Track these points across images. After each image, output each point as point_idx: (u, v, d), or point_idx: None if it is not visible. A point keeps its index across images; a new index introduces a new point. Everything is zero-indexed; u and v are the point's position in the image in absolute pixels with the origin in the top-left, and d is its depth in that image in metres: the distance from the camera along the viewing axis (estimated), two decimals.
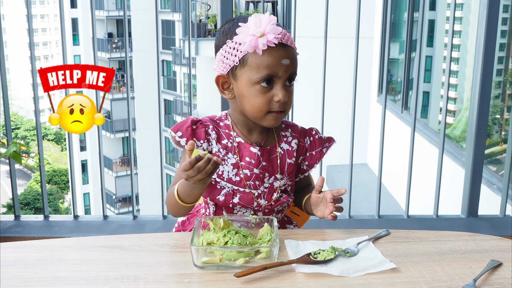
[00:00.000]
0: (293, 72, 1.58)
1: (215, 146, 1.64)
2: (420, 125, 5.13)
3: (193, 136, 1.62)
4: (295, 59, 1.58)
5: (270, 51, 1.53)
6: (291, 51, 1.56)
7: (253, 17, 1.53)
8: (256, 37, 1.51)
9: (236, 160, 1.64)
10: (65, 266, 1.33)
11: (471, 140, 2.93)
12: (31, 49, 2.78)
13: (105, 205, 2.98)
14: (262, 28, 1.51)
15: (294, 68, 1.58)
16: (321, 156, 1.75)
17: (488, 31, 2.79)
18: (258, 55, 1.52)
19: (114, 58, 23.37)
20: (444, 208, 3.13)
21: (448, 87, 2.95)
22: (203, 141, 1.63)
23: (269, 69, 1.53)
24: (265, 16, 1.52)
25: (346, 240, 1.49)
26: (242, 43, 1.53)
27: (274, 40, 1.51)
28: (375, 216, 3.02)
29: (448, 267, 1.34)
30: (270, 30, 1.51)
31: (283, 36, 1.54)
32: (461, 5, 5.01)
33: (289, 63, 1.54)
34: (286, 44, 1.55)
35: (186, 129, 1.62)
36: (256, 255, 1.36)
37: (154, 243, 1.46)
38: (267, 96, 1.56)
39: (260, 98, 1.56)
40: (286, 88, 1.58)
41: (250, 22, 1.52)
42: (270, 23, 1.51)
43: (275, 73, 1.54)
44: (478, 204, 3.00)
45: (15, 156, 2.38)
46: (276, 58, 1.53)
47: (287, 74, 1.56)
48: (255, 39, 1.51)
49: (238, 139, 1.66)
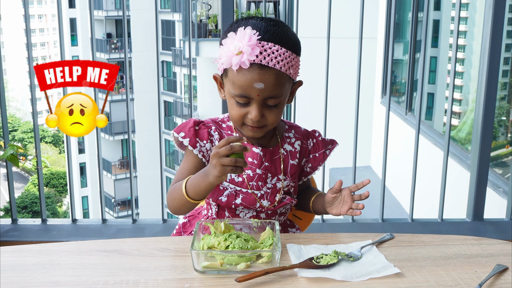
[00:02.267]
0: (269, 97, 1.52)
1: None
2: (425, 127, 5.12)
3: (195, 136, 1.63)
4: (273, 82, 1.50)
5: (243, 71, 1.49)
6: (269, 74, 1.49)
7: (239, 31, 1.48)
8: (232, 54, 1.48)
9: None
10: (63, 271, 1.33)
11: (477, 143, 2.92)
12: (29, 50, 2.78)
13: (104, 209, 2.98)
14: (242, 44, 1.47)
15: (271, 92, 1.51)
16: (324, 158, 1.75)
17: (494, 31, 2.79)
18: (234, 72, 1.50)
19: (113, 59, 23.37)
20: (449, 211, 3.12)
21: (453, 88, 2.95)
22: (206, 141, 1.64)
23: (241, 89, 1.51)
24: (247, 31, 1.48)
25: (349, 244, 1.49)
26: (221, 57, 1.51)
27: (246, 62, 1.46)
28: (378, 219, 3.02)
29: (453, 272, 1.34)
30: (247, 50, 1.46)
31: (264, 56, 1.48)
32: (467, 5, 5.01)
33: (262, 87, 1.49)
34: (266, 65, 1.48)
35: (188, 130, 1.63)
36: (258, 260, 1.36)
37: (154, 247, 1.46)
38: (243, 111, 1.55)
39: (236, 111, 1.56)
40: (266, 107, 1.55)
41: (236, 36, 1.49)
42: (249, 41, 1.46)
43: (248, 94, 1.51)
44: (484, 207, 3.00)
45: (12, 159, 2.38)
46: (248, 81, 1.49)
47: (260, 98, 1.51)
48: (231, 56, 1.48)
49: None
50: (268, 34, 1.50)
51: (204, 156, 1.64)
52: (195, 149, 1.62)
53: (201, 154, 1.63)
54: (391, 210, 5.09)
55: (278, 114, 1.58)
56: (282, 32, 1.53)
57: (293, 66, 1.54)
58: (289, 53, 1.52)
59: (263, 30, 1.50)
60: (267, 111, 1.55)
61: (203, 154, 1.63)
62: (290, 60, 1.52)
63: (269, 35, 1.50)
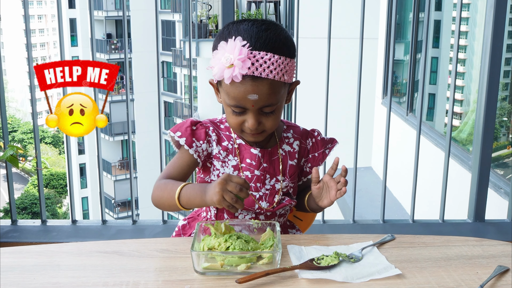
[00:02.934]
0: (264, 106, 1.52)
1: (215, 148, 1.65)
2: (426, 128, 5.12)
3: (192, 136, 1.63)
4: (267, 92, 1.50)
5: (236, 84, 1.48)
6: (263, 85, 1.49)
7: (230, 42, 1.47)
8: (224, 67, 1.47)
9: (237, 162, 1.65)
10: (63, 272, 1.34)
11: (478, 143, 2.92)
12: (28, 50, 2.78)
13: (104, 210, 2.98)
14: (233, 57, 1.46)
15: (266, 101, 1.51)
16: (324, 157, 1.75)
17: (495, 32, 2.79)
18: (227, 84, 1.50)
19: (113, 60, 23.37)
20: (450, 212, 3.12)
21: (454, 89, 2.95)
22: (202, 141, 1.64)
23: (236, 101, 1.51)
24: (238, 46, 1.46)
25: (350, 245, 1.49)
26: (213, 68, 1.50)
27: (238, 76, 1.45)
28: (379, 220, 3.02)
29: (455, 273, 1.34)
30: (238, 64, 1.45)
31: (256, 67, 1.47)
32: (468, 5, 5.01)
33: (256, 98, 1.49)
34: (259, 76, 1.47)
35: (185, 129, 1.64)
36: (258, 261, 1.37)
37: (154, 248, 1.46)
38: (239, 119, 1.56)
39: (233, 119, 1.57)
40: (263, 114, 1.55)
41: (228, 46, 1.47)
42: (239, 56, 1.45)
43: (242, 105, 1.52)
44: (485, 208, 3.00)
45: (12, 160, 2.39)
46: (241, 93, 1.49)
47: (255, 108, 1.52)
48: (222, 70, 1.47)
49: (238, 141, 1.67)
50: (260, 41, 1.48)
51: (199, 156, 1.64)
52: (191, 149, 1.62)
53: (197, 154, 1.63)
54: (392, 211, 5.08)
55: (276, 119, 1.58)
56: (274, 37, 1.50)
57: (287, 72, 1.52)
58: (283, 59, 1.50)
59: (255, 38, 1.49)
60: (264, 118, 1.55)
61: (198, 155, 1.63)
62: (284, 67, 1.50)
63: (260, 42, 1.48)
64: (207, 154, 1.66)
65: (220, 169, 1.65)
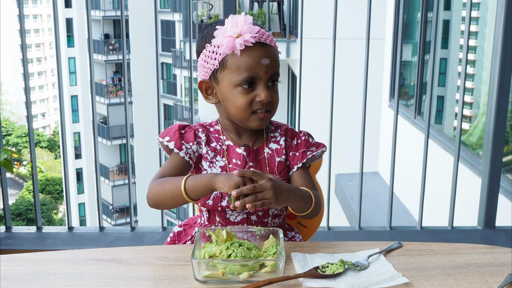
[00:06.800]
0: (274, 73, 1.63)
1: (204, 148, 1.69)
2: (434, 131, 5.12)
3: (181, 139, 1.67)
4: (275, 58, 1.63)
5: (248, 51, 1.58)
6: (271, 50, 1.62)
7: (230, 18, 1.58)
8: (233, 38, 1.57)
9: (225, 163, 1.68)
10: (59, 281, 1.34)
11: (488, 147, 2.92)
12: (23, 51, 2.79)
13: (101, 216, 2.99)
14: (238, 28, 1.57)
15: (275, 68, 1.63)
16: (303, 158, 1.72)
17: (506, 32, 2.79)
18: (237, 57, 1.58)
19: (111, 61, 23.44)
20: (459, 219, 3.12)
21: (463, 91, 2.95)
22: (192, 143, 1.67)
23: (249, 70, 1.59)
24: (241, 16, 1.58)
25: (356, 253, 1.49)
26: (220, 45, 1.59)
27: (251, 39, 1.56)
28: (386, 227, 3.02)
29: (464, 282, 1.34)
30: (247, 30, 1.57)
31: (261, 35, 1.60)
32: (478, 4, 5.01)
33: (269, 62, 1.60)
34: (265, 43, 1.61)
35: (173, 133, 1.68)
36: (261, 269, 1.36)
37: (153, 256, 1.46)
38: (250, 97, 1.61)
39: (242, 99, 1.61)
40: (270, 88, 1.63)
41: (227, 24, 1.58)
42: (246, 23, 1.57)
43: (256, 74, 1.59)
44: (496, 214, 3.00)
45: (6, 164, 2.39)
46: (255, 59, 1.58)
47: (268, 74, 1.61)
48: (232, 40, 1.57)
49: (227, 142, 1.71)
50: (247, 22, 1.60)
51: (191, 158, 1.67)
52: (181, 152, 1.65)
53: (188, 156, 1.66)
54: (399, 217, 5.08)
55: (278, 95, 1.68)
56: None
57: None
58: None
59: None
60: (271, 93, 1.63)
61: (190, 156, 1.66)
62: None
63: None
64: (198, 156, 1.69)
65: (207, 169, 1.68)
